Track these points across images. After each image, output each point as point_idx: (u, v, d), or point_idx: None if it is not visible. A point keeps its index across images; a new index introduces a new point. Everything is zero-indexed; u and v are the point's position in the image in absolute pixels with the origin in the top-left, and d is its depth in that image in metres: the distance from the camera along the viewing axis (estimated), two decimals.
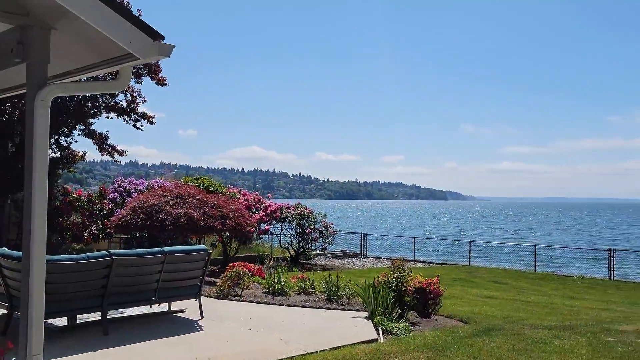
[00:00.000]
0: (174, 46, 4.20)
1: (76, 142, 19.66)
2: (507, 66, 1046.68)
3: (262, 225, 20.29)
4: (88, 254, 6.66)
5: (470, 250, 25.83)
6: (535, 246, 24.65)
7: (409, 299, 8.84)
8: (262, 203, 21.01)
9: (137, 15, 16.53)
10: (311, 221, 22.04)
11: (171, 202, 11.60)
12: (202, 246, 7.96)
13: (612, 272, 20.71)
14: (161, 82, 17.53)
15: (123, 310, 7.53)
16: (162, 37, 4.10)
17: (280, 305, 8.87)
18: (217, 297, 9.27)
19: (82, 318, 7.05)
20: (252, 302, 9.00)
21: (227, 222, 11.73)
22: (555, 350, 6.70)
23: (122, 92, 17.37)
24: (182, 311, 8.08)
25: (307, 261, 22.73)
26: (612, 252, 21.16)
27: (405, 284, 8.97)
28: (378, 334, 7.38)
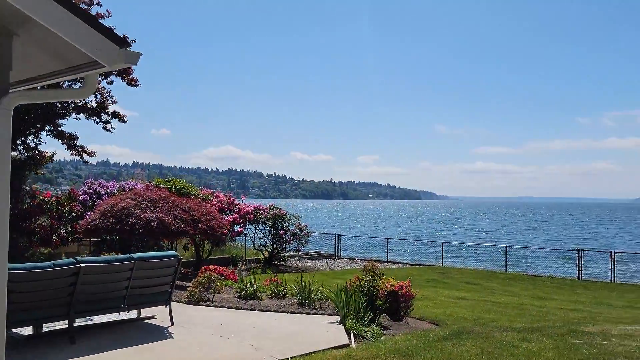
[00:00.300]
0: (140, 54, 4.13)
1: (45, 143, 19.22)
2: (479, 69, 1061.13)
3: (235, 227, 20.18)
4: (54, 261, 6.52)
5: (442, 251, 26.09)
6: (506, 247, 25.02)
7: (381, 302, 8.88)
8: (235, 205, 20.89)
9: (106, 14, 16.32)
10: (285, 223, 22.01)
11: (142, 205, 11.45)
12: (172, 252, 7.86)
13: (580, 272, 21.15)
14: (132, 83, 17.28)
15: (91, 317, 7.40)
16: (129, 45, 4.03)
17: (252, 310, 8.82)
18: (189, 303, 9.18)
19: (48, 327, 6.90)
20: (223, 307, 8.93)
21: (199, 225, 11.62)
22: (523, 354, 6.80)
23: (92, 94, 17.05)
24: (152, 318, 7.97)
25: (281, 262, 22.69)
26: (580, 253, 21.60)
27: (377, 287, 9.01)
28: (350, 338, 7.40)
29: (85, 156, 18.06)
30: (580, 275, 21.06)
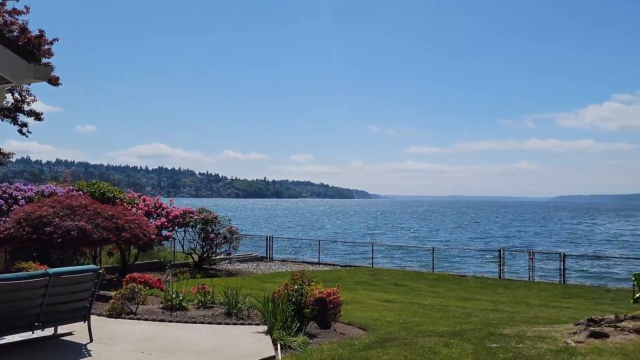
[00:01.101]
0: (52, 68, 4.00)
1: None
2: (410, 70, 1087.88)
3: (163, 231, 19.71)
4: None
5: (373, 252, 26.57)
6: (433, 248, 25.77)
7: (308, 310, 8.90)
8: (163, 208, 20.41)
9: (24, 10, 15.45)
10: (215, 226, 21.75)
11: (61, 213, 10.93)
12: (92, 266, 7.54)
13: (501, 271, 22.12)
14: (54, 82, 16.49)
15: (2, 337, 6.99)
16: (38, 61, 3.85)
17: (177, 322, 8.61)
18: (110, 316, 8.85)
19: None
20: (147, 319, 8.67)
21: (123, 234, 11.23)
22: None
23: (9, 91, 16.15)
24: (69, 334, 7.62)
25: (212, 266, 22.40)
26: (501, 253, 22.59)
27: (305, 295, 9.02)
28: (276, 349, 7.37)
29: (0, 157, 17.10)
30: (501, 275, 22.04)
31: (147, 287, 11.20)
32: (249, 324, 8.67)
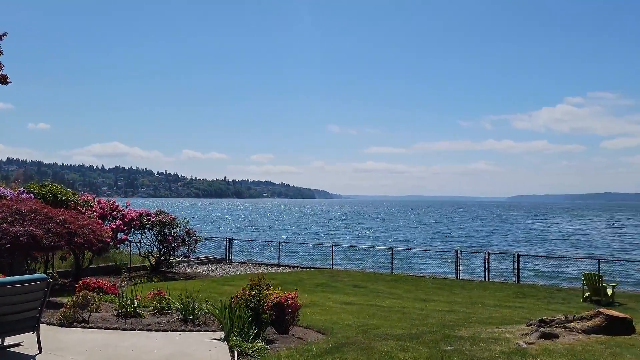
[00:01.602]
0: (5, 77, 3.80)
1: None
2: (371, 70, 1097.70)
3: (119, 234, 19.29)
4: None
5: (332, 253, 26.66)
6: (392, 249, 26.03)
7: (266, 315, 8.84)
8: (119, 211, 19.98)
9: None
10: (173, 228, 21.42)
11: (9, 218, 10.55)
12: (42, 275, 7.30)
13: (458, 272, 22.53)
14: (2, 81, 15.89)
15: None
16: None
17: (131, 330, 8.43)
18: (61, 325, 8.58)
19: None
20: (100, 328, 8.45)
21: (75, 239, 10.93)
22: None
23: None
24: (17, 345, 7.37)
25: (169, 269, 22.05)
26: (458, 253, 23.01)
27: (263, 300, 8.96)
28: (233, 357, 7.31)
29: None
30: (458, 275, 22.45)
31: (101, 294, 10.94)
32: (205, 331, 8.56)
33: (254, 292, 9.02)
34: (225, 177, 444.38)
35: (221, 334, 8.33)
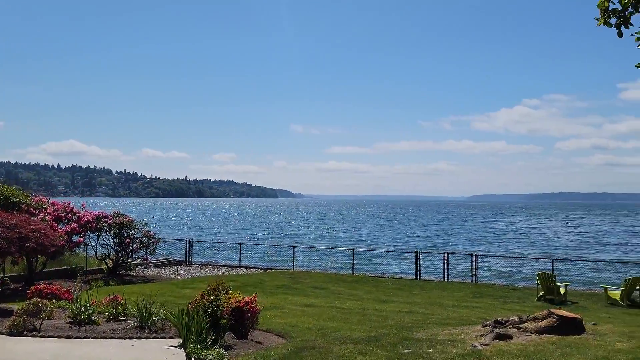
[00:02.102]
0: None
1: None
2: (333, 70, 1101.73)
3: (74, 237, 18.80)
4: None
5: (294, 254, 26.61)
6: (353, 250, 26.18)
7: (225, 321, 8.76)
8: (74, 213, 19.48)
9: None
10: (131, 230, 21.01)
11: None
12: None
13: (418, 272, 22.82)
14: None
15: None
16: None
17: (85, 338, 8.21)
18: (11, 334, 8.29)
19: None
20: (52, 336, 8.21)
21: (27, 244, 10.60)
22: None
23: None
24: None
25: (127, 272, 21.61)
26: (417, 254, 23.31)
27: (221, 305, 8.87)
28: None
29: None
30: (418, 275, 22.74)
31: (55, 300, 10.63)
32: (162, 338, 8.43)
33: (212, 297, 8.92)
34: (186, 177, 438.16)
35: (178, 341, 8.21)
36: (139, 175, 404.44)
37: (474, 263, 22.43)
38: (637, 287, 17.60)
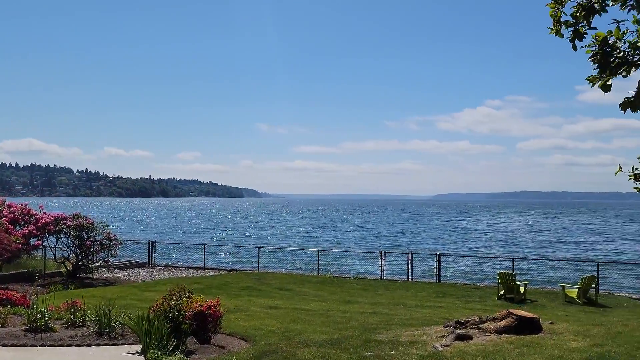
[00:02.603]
0: None
1: None
2: (297, 69, 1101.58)
3: (32, 240, 18.29)
4: None
5: (259, 256, 26.50)
6: (318, 251, 26.21)
7: (187, 326, 8.65)
8: (32, 215, 18.97)
9: None
10: (92, 232, 20.57)
11: None
12: None
13: (382, 272, 23.01)
14: None
15: None
16: None
17: (41, 346, 8.00)
18: None
19: None
20: (6, 345, 7.96)
21: None
22: None
23: None
24: None
25: (87, 275, 21.15)
26: (382, 254, 23.51)
27: (183, 310, 8.75)
28: None
29: None
30: (382, 275, 22.93)
31: (10, 306, 10.33)
32: (122, 344, 8.28)
33: (173, 302, 8.80)
34: (150, 176, 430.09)
35: (139, 347, 8.08)
36: (101, 174, 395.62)
37: (437, 262, 22.73)
38: (593, 286, 18.16)
